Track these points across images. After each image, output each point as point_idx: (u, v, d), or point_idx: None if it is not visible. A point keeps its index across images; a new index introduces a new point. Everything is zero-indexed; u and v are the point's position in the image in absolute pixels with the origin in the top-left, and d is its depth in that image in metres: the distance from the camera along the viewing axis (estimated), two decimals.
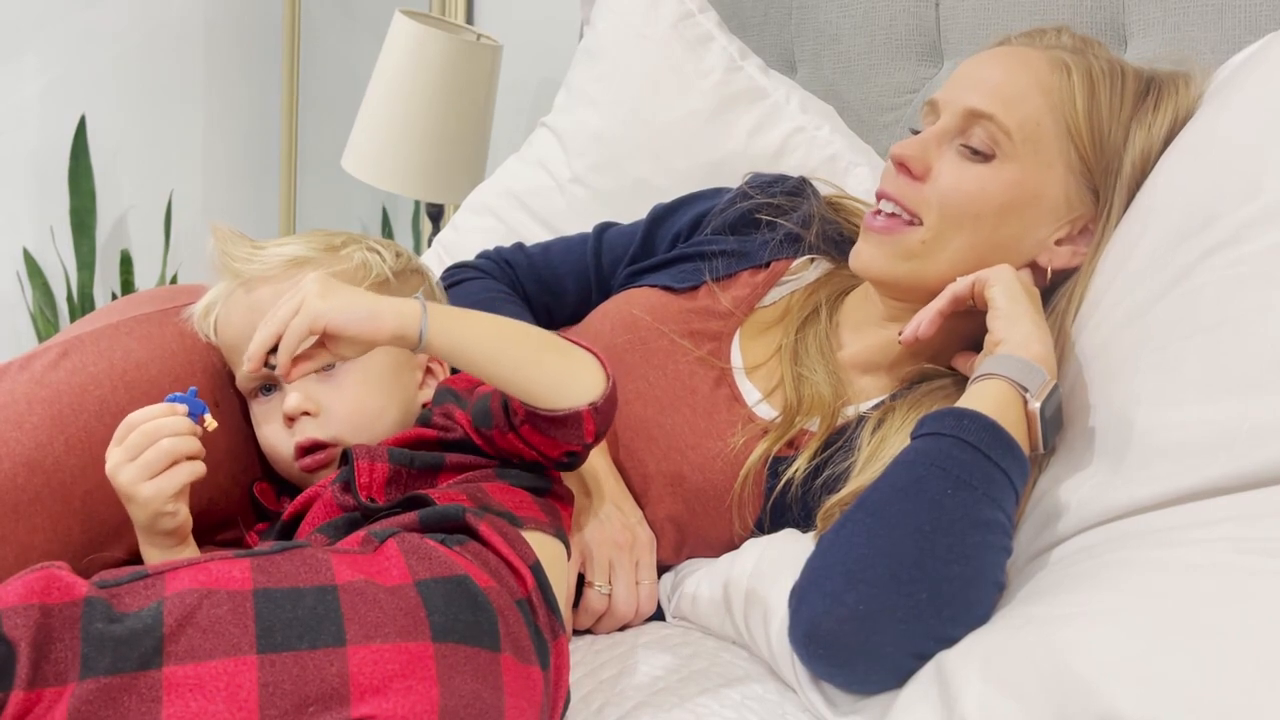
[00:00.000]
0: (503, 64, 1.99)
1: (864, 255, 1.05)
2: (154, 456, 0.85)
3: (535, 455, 0.91)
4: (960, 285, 0.99)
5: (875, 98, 1.48)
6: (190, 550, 0.90)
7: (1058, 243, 1.02)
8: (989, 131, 1.00)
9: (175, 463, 0.86)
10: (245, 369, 0.87)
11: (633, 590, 1.03)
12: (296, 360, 0.85)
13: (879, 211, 1.04)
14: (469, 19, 2.29)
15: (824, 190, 1.22)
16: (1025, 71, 1.02)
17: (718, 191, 1.25)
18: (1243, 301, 0.85)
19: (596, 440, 0.91)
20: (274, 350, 0.85)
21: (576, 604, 1.02)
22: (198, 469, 0.87)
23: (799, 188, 1.21)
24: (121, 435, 0.86)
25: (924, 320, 1.00)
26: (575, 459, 0.93)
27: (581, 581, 1.02)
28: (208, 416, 0.88)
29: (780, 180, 1.22)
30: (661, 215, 1.26)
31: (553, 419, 0.87)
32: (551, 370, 0.87)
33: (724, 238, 1.19)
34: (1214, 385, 0.83)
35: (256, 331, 0.85)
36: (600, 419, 0.89)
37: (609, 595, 1.02)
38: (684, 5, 1.51)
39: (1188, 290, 0.89)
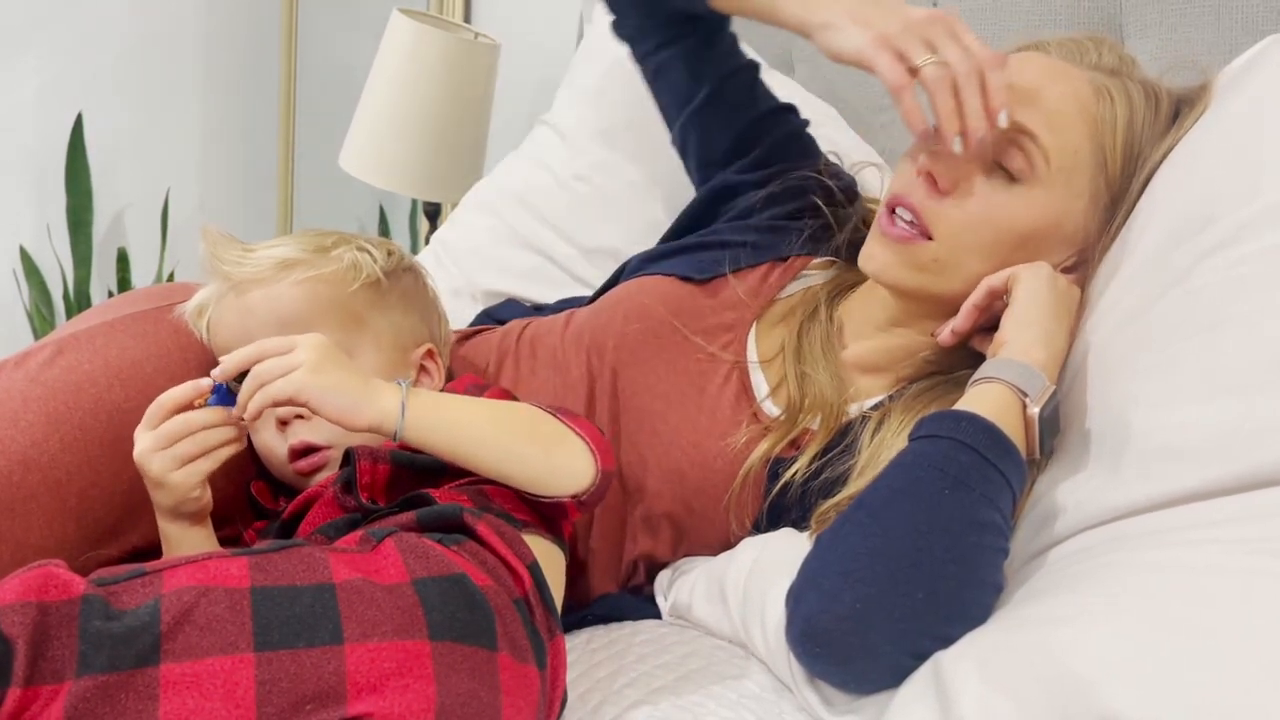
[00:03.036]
0: (501, 63, 1.99)
1: (878, 259, 1.03)
2: (188, 449, 0.86)
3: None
4: (996, 279, 0.98)
5: (874, 97, 1.48)
6: (207, 531, 0.91)
7: (1065, 270, 1.01)
8: (1028, 152, 0.98)
9: (206, 452, 0.87)
10: (234, 413, 0.87)
11: (966, 51, 0.96)
12: None
13: (893, 214, 1.02)
14: (467, 18, 2.29)
15: (868, 206, 1.21)
16: (1072, 94, 0.99)
17: (806, 139, 1.26)
18: (1241, 303, 0.85)
19: (585, 514, 0.92)
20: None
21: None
22: (225, 453, 0.88)
23: (853, 197, 1.20)
24: (154, 419, 0.87)
25: (959, 316, 1.00)
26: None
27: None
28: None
29: (848, 182, 1.22)
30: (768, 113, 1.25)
31: (535, 499, 0.89)
32: (534, 467, 0.89)
33: (746, 226, 1.18)
34: (1213, 386, 0.83)
35: (249, 377, 0.85)
36: (585, 508, 0.90)
37: (943, 63, 0.95)
38: None
39: (1186, 291, 0.89)
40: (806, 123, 1.29)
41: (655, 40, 1.26)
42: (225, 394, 0.87)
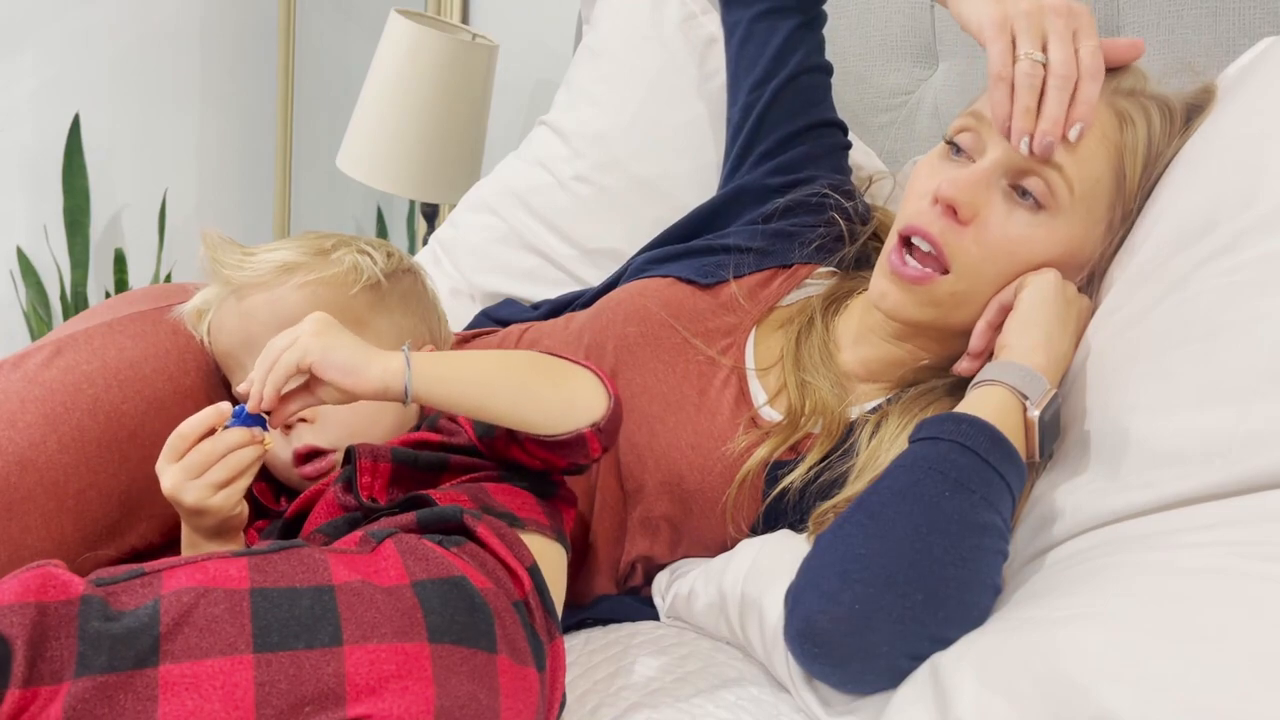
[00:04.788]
0: (498, 64, 1.99)
1: (892, 298, 1.01)
2: (221, 474, 0.84)
3: (541, 465, 0.91)
4: (1005, 294, 0.98)
5: (871, 99, 1.48)
6: (240, 538, 0.90)
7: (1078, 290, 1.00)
8: (1051, 181, 0.96)
9: (239, 474, 0.85)
10: (249, 408, 0.85)
11: (1071, 55, 0.94)
12: (282, 400, 0.84)
13: (905, 250, 1.00)
14: (465, 18, 2.29)
15: (879, 217, 1.21)
16: (1095, 122, 0.97)
17: (842, 158, 1.27)
18: (1239, 309, 0.85)
19: (604, 453, 0.90)
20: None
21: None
22: (255, 471, 0.87)
23: (867, 219, 1.19)
24: (177, 451, 0.85)
25: (974, 338, 0.99)
26: (582, 468, 0.93)
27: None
28: (268, 435, 0.87)
29: (863, 202, 1.21)
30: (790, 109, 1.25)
31: (556, 442, 0.87)
32: (547, 402, 0.86)
33: (757, 231, 1.18)
34: (1210, 392, 0.83)
35: (255, 369, 0.84)
36: (605, 437, 0.88)
37: (1043, 63, 0.93)
38: (687, 6, 1.51)
39: (1185, 298, 0.89)
40: (849, 144, 1.30)
41: (768, 5, 1.27)
42: (246, 415, 0.86)
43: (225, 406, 0.86)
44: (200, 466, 0.84)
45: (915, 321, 1.02)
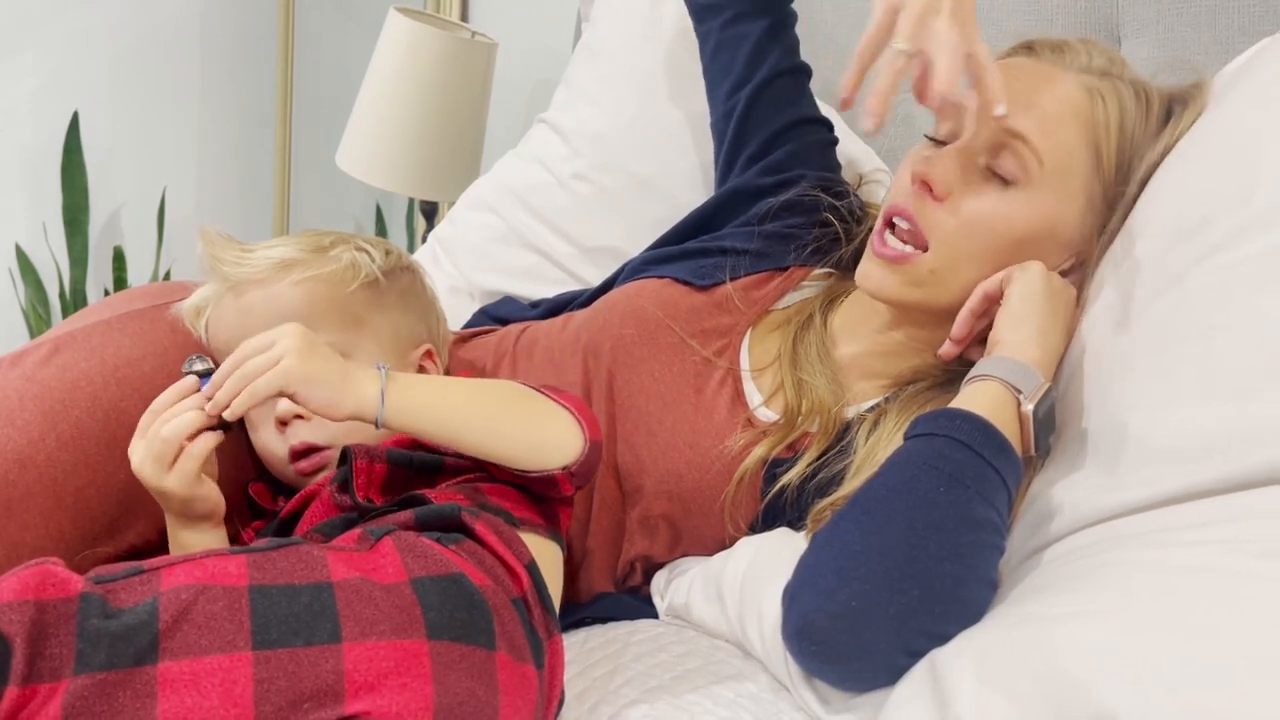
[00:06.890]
0: (498, 62, 1.99)
1: (874, 279, 1.02)
2: (160, 449, 0.85)
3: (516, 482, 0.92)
4: (990, 283, 0.98)
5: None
6: (221, 533, 0.90)
7: (1062, 274, 1.00)
8: (1020, 155, 0.97)
9: (183, 446, 0.85)
10: (208, 409, 0.85)
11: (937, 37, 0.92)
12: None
13: (887, 230, 1.02)
14: (464, 17, 2.29)
15: (873, 215, 1.21)
16: (1064, 97, 0.99)
17: (829, 153, 1.27)
18: (1236, 306, 0.85)
19: (577, 491, 0.91)
20: None
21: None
22: (210, 440, 0.86)
23: (861, 217, 1.20)
24: (144, 427, 0.86)
25: (956, 324, 0.99)
26: (565, 497, 0.93)
27: None
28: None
29: (857, 199, 1.21)
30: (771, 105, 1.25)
31: (527, 477, 0.88)
32: (520, 441, 0.87)
33: (752, 232, 1.18)
34: (1207, 389, 0.84)
35: (230, 374, 0.84)
36: (577, 479, 0.89)
37: (910, 53, 0.92)
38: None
39: (1182, 294, 0.89)
40: (837, 140, 1.30)
41: (734, 10, 1.27)
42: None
43: (189, 382, 0.86)
44: (156, 439, 0.84)
45: (899, 302, 1.03)
